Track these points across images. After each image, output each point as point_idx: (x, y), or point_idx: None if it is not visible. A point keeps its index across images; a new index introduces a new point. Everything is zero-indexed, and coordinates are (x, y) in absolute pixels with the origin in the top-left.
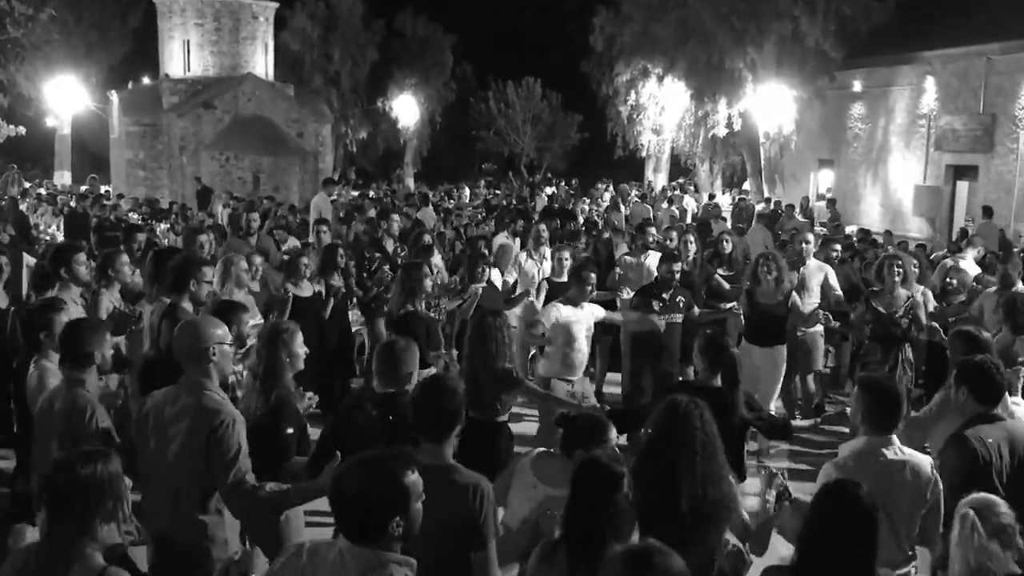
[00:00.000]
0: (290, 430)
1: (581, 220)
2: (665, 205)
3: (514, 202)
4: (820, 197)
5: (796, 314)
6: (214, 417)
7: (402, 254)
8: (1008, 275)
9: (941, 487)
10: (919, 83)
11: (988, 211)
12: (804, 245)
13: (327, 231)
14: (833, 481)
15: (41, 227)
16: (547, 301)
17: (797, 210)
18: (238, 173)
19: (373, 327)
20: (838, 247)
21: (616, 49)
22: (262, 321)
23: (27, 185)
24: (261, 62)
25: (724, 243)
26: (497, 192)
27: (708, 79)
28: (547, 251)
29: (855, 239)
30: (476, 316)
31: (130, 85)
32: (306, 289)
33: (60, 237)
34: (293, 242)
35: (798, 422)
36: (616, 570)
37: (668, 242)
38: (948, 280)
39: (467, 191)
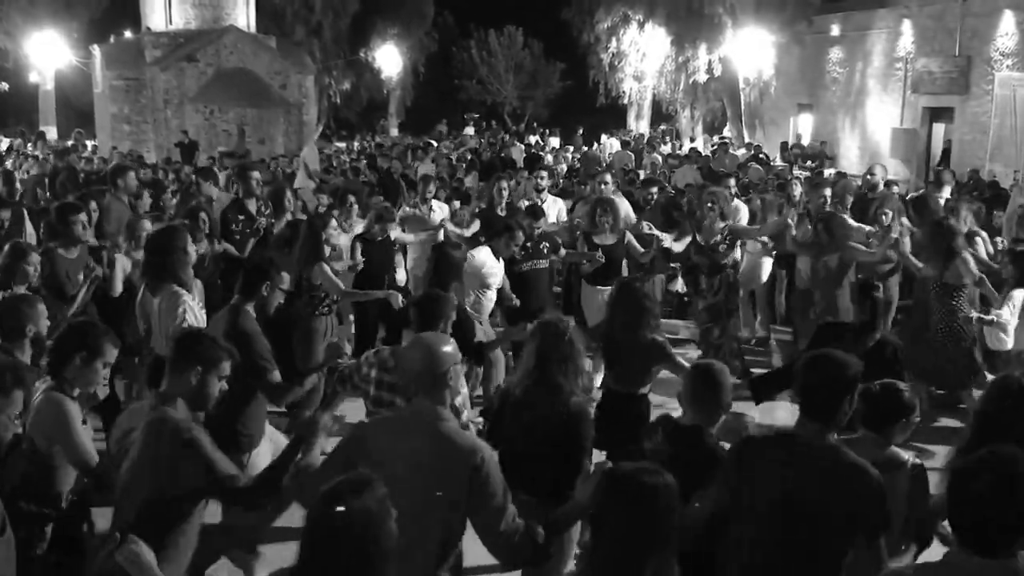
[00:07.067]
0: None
1: (564, 168)
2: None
3: (499, 151)
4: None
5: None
6: (472, 455)
7: (267, 212)
8: None
9: None
10: (896, 26)
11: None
12: (604, 187)
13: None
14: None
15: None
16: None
17: (777, 155)
18: (223, 126)
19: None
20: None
21: None
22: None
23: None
24: (243, 14)
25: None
26: (482, 141)
27: (688, 25)
28: (436, 204)
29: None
30: None
31: (112, 39)
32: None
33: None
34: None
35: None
36: None
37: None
38: None
39: (434, 144)
